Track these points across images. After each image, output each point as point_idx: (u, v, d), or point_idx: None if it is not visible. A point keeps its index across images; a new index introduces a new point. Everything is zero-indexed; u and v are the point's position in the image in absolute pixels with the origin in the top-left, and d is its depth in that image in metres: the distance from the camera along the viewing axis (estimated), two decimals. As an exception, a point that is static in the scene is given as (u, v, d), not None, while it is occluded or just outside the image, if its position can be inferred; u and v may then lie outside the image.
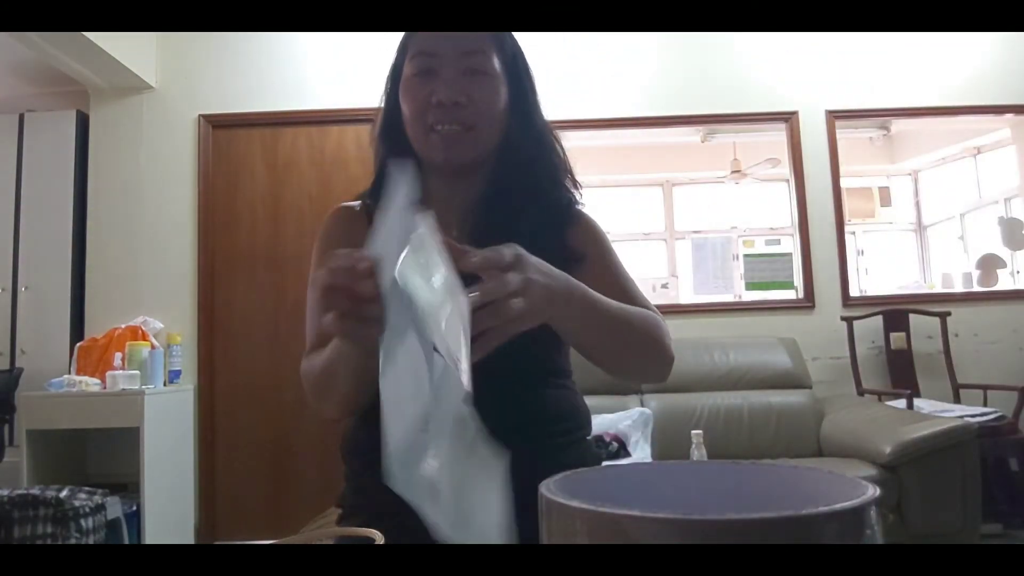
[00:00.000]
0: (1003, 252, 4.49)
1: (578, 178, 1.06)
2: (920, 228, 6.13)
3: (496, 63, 0.96)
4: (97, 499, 2.69)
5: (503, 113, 0.98)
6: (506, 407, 0.65)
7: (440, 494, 0.53)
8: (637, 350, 0.91)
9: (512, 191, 0.99)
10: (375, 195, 1.03)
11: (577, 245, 0.99)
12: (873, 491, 0.34)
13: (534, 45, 1.05)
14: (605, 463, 1.14)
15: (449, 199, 1.00)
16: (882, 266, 6.19)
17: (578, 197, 1.05)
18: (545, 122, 1.03)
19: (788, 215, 4.05)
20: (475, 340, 0.60)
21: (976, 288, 4.26)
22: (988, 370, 3.67)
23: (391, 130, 1.01)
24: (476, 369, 0.56)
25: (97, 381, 3.26)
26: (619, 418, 3.00)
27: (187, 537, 3.52)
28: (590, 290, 0.79)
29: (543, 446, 0.91)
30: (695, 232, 5.83)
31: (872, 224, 6.29)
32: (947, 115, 4.05)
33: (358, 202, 1.06)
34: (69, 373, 3.35)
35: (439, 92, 0.92)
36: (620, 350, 0.89)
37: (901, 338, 3.70)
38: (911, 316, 3.72)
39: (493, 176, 1.00)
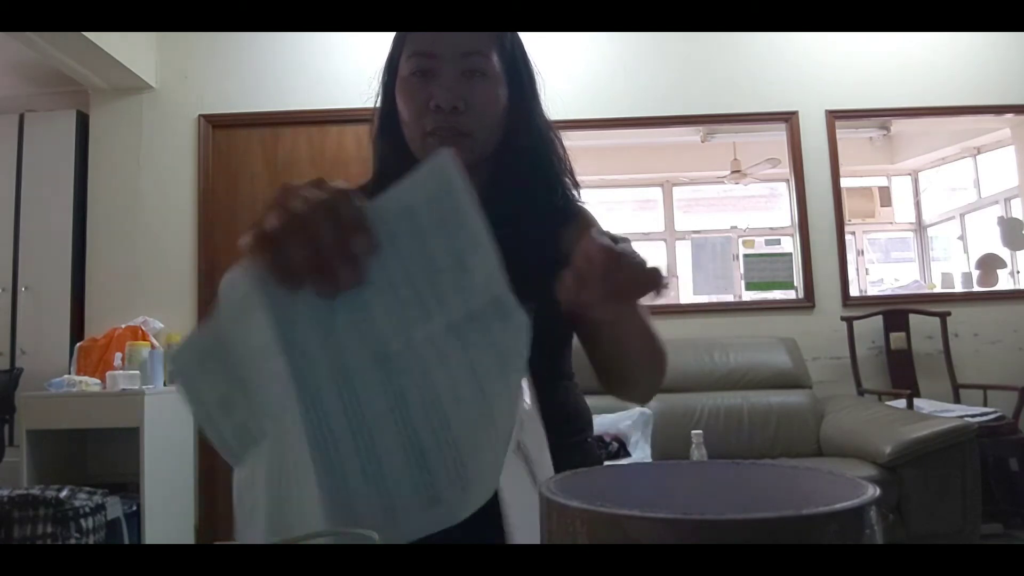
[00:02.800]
0: (1003, 252, 4.50)
1: (578, 178, 1.05)
2: (920, 228, 6.13)
3: (496, 63, 0.95)
4: (97, 499, 2.69)
5: (502, 114, 0.96)
6: None
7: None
8: (655, 363, 0.88)
9: (508, 191, 0.98)
10: (376, 193, 1.02)
11: (570, 244, 0.99)
12: (873, 491, 0.34)
13: (534, 45, 1.04)
14: (605, 463, 1.13)
15: None
16: (882, 266, 6.20)
17: (576, 196, 1.04)
18: (546, 120, 1.02)
19: (788, 215, 4.06)
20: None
21: (976, 288, 4.27)
22: (988, 370, 3.67)
23: (388, 128, 1.00)
24: None
25: (97, 381, 3.26)
26: (619, 418, 3.00)
27: (187, 537, 3.51)
28: None
29: (551, 447, 0.91)
30: (695, 232, 5.83)
31: (872, 224, 6.29)
32: (947, 115, 4.05)
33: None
34: (69, 373, 3.35)
35: (437, 96, 0.91)
36: (646, 360, 0.86)
37: (901, 338, 3.70)
38: (911, 316, 3.72)
39: (490, 177, 0.99)
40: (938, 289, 4.60)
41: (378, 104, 1.02)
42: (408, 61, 0.94)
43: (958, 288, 4.35)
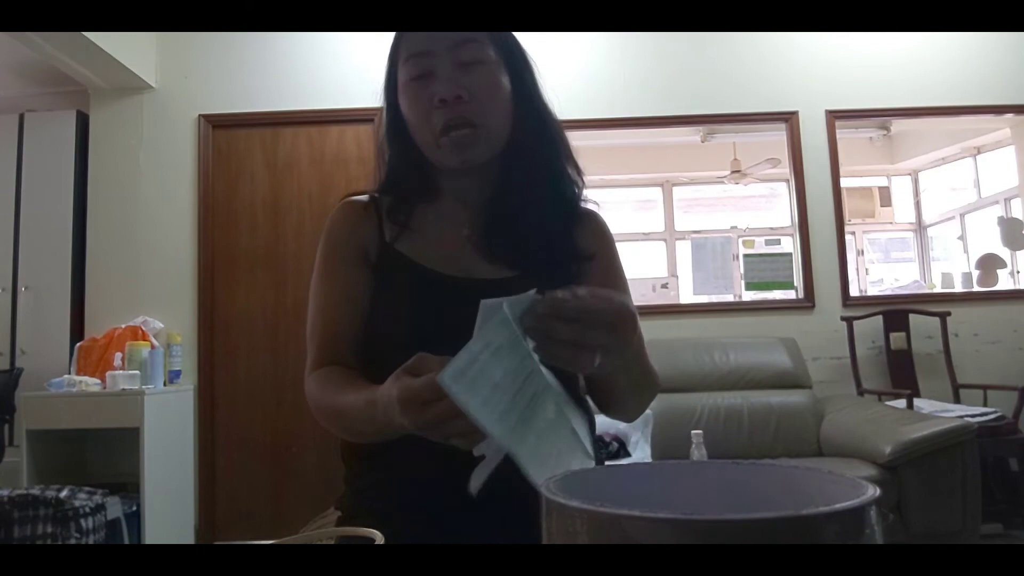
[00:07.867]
0: (1003, 252, 4.49)
1: (583, 172, 1.05)
2: (920, 228, 6.13)
3: (491, 51, 0.94)
4: (97, 499, 2.69)
5: (508, 103, 0.95)
6: None
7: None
8: (647, 394, 0.96)
9: (523, 185, 0.97)
10: (389, 199, 1.02)
11: (586, 245, 1.00)
12: (873, 491, 0.34)
13: (533, 45, 1.04)
14: (605, 463, 1.13)
15: (461, 195, 0.99)
16: (882, 266, 6.20)
17: (581, 184, 1.03)
18: (547, 107, 1.01)
19: (788, 215, 4.05)
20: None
21: (976, 288, 4.26)
22: (988, 370, 3.67)
23: (396, 137, 0.99)
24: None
25: (97, 381, 3.26)
26: (619, 418, 2.99)
27: (187, 537, 3.52)
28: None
29: None
30: (695, 232, 5.83)
31: (872, 224, 6.30)
32: (947, 115, 4.05)
33: (365, 196, 1.03)
34: (69, 373, 3.35)
35: (439, 90, 0.90)
36: (639, 392, 0.94)
37: (901, 338, 3.70)
38: (911, 316, 3.72)
39: (504, 170, 0.98)
40: (938, 289, 4.60)
41: (384, 116, 1.02)
42: (405, 66, 0.94)
43: (958, 288, 4.35)
